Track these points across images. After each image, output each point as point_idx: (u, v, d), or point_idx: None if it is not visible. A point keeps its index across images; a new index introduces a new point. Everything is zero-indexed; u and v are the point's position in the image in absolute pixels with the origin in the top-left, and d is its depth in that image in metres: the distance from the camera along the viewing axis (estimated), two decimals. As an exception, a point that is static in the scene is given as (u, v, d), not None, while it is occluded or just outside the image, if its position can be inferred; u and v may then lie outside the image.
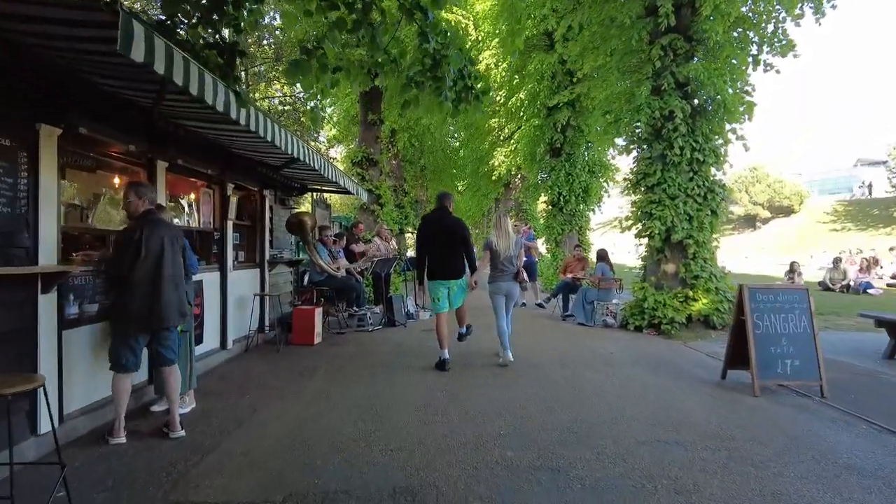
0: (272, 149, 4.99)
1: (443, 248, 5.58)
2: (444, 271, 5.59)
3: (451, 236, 5.57)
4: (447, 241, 5.57)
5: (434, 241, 5.59)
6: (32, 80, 3.24)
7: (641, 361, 5.94)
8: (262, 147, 5.30)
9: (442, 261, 5.58)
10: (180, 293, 3.71)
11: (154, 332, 3.61)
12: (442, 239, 5.57)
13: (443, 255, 5.57)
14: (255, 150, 5.52)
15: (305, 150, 5.12)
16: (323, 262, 7.39)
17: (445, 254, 5.57)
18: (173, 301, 3.61)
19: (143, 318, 3.50)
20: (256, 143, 5.12)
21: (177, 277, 3.69)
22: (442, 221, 5.65)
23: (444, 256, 5.57)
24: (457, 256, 5.60)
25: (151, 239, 3.55)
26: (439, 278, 5.61)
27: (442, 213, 5.74)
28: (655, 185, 8.20)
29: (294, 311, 6.97)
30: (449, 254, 5.58)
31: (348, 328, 8.14)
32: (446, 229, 5.58)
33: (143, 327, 3.54)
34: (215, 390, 4.74)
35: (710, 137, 8.12)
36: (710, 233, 8.15)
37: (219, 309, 5.93)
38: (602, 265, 8.71)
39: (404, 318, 8.32)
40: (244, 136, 4.87)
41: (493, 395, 4.55)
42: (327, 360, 5.95)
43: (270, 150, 5.27)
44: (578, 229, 14.99)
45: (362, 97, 12.30)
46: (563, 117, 14.08)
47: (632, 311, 8.25)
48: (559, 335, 7.70)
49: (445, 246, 5.58)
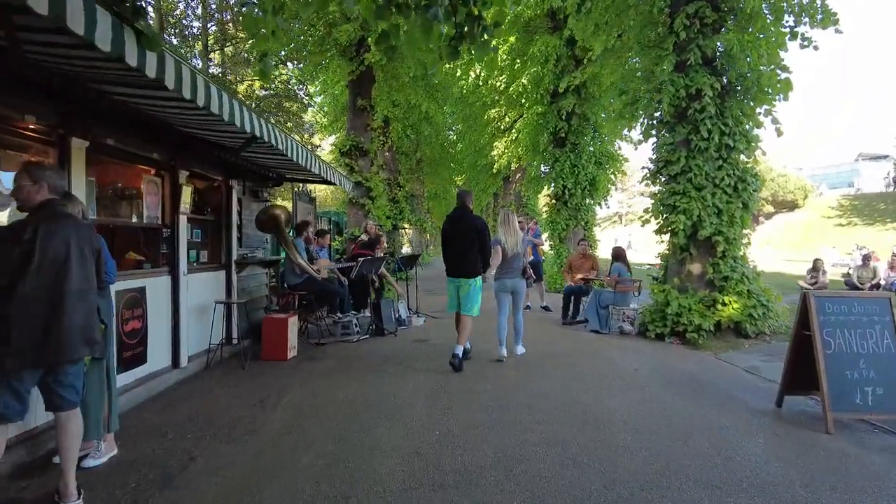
0: (227, 126, 4.02)
1: (458, 246, 5.56)
2: (453, 269, 5.60)
3: (466, 235, 5.53)
4: (462, 239, 5.54)
5: (451, 240, 5.63)
6: None
7: (673, 381, 4.99)
8: (216, 125, 4.32)
9: (453, 259, 5.60)
10: (89, 314, 2.74)
11: (50, 366, 2.64)
12: (458, 237, 5.57)
13: (456, 254, 5.58)
14: (210, 129, 4.54)
15: (267, 128, 4.15)
16: (302, 262, 6.41)
17: (458, 252, 5.56)
18: (77, 325, 2.64)
19: (34, 348, 2.53)
20: (210, 121, 4.16)
21: (85, 293, 2.72)
22: (462, 221, 5.61)
23: (456, 255, 5.57)
24: (469, 256, 5.52)
25: (50, 241, 2.58)
26: (449, 276, 5.64)
27: (463, 211, 5.70)
28: (679, 175, 7.24)
29: (264, 320, 6.00)
30: (461, 252, 5.54)
31: (331, 337, 7.18)
32: (463, 228, 5.56)
33: (33, 361, 2.57)
34: (150, 426, 3.77)
35: (740, 120, 7.15)
36: (740, 228, 7.19)
37: (169, 320, 4.96)
38: (619, 265, 7.75)
39: (394, 325, 7.35)
40: (190, 112, 3.91)
41: (498, 440, 3.59)
42: (299, 381, 4.99)
43: (226, 128, 4.30)
44: (584, 224, 14.04)
45: (351, 81, 11.28)
46: (568, 104, 13.09)
47: (652, 317, 7.30)
48: (571, 345, 6.75)
49: (460, 244, 5.55)
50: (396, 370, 5.32)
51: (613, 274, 7.68)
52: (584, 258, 8.57)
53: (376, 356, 5.99)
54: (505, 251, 5.76)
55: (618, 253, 7.95)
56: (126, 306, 4.25)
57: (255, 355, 5.92)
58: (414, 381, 4.90)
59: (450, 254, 5.63)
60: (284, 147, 4.40)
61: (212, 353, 5.60)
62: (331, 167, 6.74)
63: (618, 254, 7.93)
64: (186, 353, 5.16)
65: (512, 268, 5.81)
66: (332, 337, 7.16)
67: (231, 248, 6.32)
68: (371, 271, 7.19)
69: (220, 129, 4.53)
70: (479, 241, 5.53)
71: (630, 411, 4.07)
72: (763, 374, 5.36)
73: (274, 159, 6.05)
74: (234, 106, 3.59)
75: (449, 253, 5.65)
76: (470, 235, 5.49)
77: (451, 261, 5.61)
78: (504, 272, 5.83)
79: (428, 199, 32.34)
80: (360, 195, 11.10)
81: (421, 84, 13.47)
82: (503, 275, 5.83)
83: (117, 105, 3.80)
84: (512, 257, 5.77)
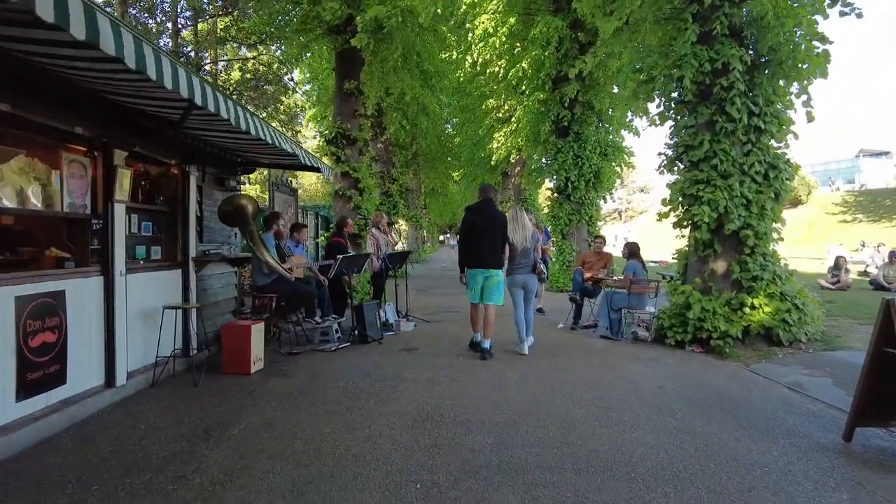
0: (164, 93, 3.20)
1: (486, 238, 5.65)
2: (482, 261, 5.63)
3: (496, 229, 5.70)
4: (491, 232, 5.67)
5: (480, 232, 5.65)
6: None
7: (707, 403, 4.17)
8: (149, 90, 3.47)
9: (482, 251, 5.64)
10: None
11: None
12: (487, 230, 5.66)
13: (484, 246, 5.64)
14: (144, 96, 3.69)
15: (212, 95, 3.30)
16: (270, 259, 5.56)
17: (488, 244, 5.65)
18: None
19: None
20: (143, 86, 3.34)
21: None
22: (490, 213, 5.74)
23: (485, 247, 5.64)
24: (496, 247, 5.70)
25: None
26: (478, 266, 5.65)
27: (488, 204, 5.82)
28: (702, 161, 6.40)
29: (223, 328, 5.15)
30: (490, 244, 5.67)
31: (309, 344, 6.34)
32: (493, 221, 5.70)
33: None
34: (50, 472, 2.92)
35: (771, 99, 6.31)
36: (771, 221, 6.37)
37: (101, 330, 4.11)
38: (633, 263, 6.91)
39: (379, 332, 6.50)
40: (118, 76, 3.09)
41: (500, 500, 2.75)
42: (258, 404, 4.15)
43: (163, 95, 3.46)
44: (588, 219, 13.20)
45: (338, 60, 10.39)
46: (571, 91, 12.21)
47: (670, 322, 6.47)
48: (579, 354, 5.92)
49: (489, 237, 5.66)
50: (376, 390, 4.47)
51: (627, 273, 6.83)
52: (597, 256, 7.71)
53: (355, 371, 5.14)
54: (514, 246, 5.84)
55: (632, 249, 7.11)
56: (32, 316, 3.40)
57: (216, 367, 5.08)
58: (396, 404, 4.05)
59: (478, 245, 5.65)
60: (233, 117, 3.54)
61: (161, 366, 4.75)
62: (301, 147, 5.88)
63: (632, 250, 7.09)
64: (125, 369, 4.31)
65: (522, 263, 5.87)
66: (309, 344, 6.32)
67: (189, 243, 5.47)
68: (352, 270, 6.33)
69: (156, 98, 3.69)
70: (503, 234, 5.74)
71: (662, 450, 3.23)
72: (809, 391, 4.54)
73: (236, 140, 5.21)
74: (165, 63, 2.76)
75: (476, 245, 5.66)
76: (497, 228, 5.69)
77: (480, 252, 5.64)
78: (515, 267, 5.88)
79: (424, 195, 31.47)
80: (347, 186, 10.24)
81: (416, 72, 12.61)
82: (514, 270, 5.89)
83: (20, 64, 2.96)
84: (522, 252, 5.84)
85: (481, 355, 5.55)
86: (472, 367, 5.19)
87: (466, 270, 5.76)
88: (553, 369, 5.17)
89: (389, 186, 17.40)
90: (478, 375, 4.88)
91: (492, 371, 5.04)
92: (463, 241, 5.83)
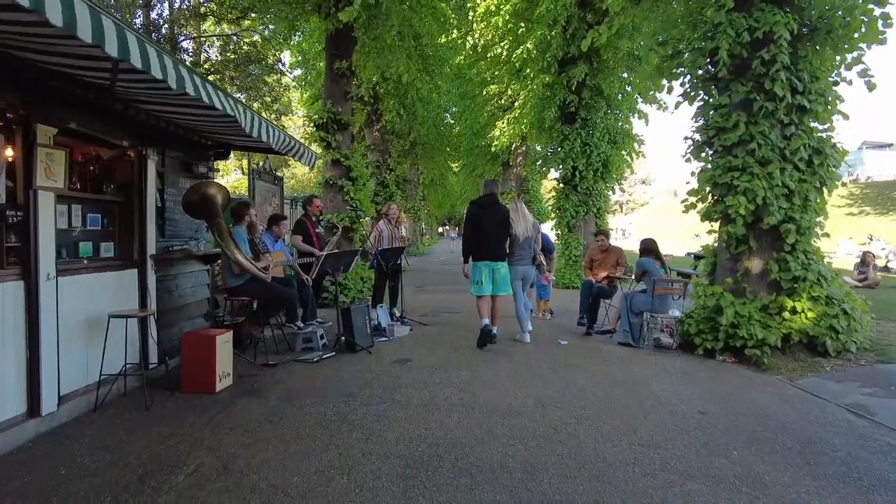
0: (86, 49, 2.45)
1: (493, 232, 5.80)
2: (491, 254, 5.78)
3: (501, 223, 5.88)
4: (497, 226, 5.84)
5: (488, 226, 5.78)
6: None
7: (762, 436, 3.43)
8: (64, 44, 2.69)
9: (490, 244, 5.78)
10: None
11: None
12: (493, 224, 5.81)
13: (492, 239, 5.79)
14: (63, 52, 2.90)
15: (147, 51, 2.52)
16: (241, 257, 4.79)
17: (496, 238, 5.82)
18: None
19: None
20: (58, 40, 2.59)
21: None
22: (496, 208, 5.91)
23: (493, 240, 5.79)
24: (503, 241, 5.89)
25: None
26: (487, 259, 5.78)
27: (493, 199, 5.99)
28: (736, 145, 5.63)
29: (183, 338, 4.38)
30: (498, 238, 5.84)
31: (290, 352, 5.60)
32: (498, 216, 5.88)
33: None
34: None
35: (816, 74, 5.54)
36: (814, 214, 5.61)
37: (20, 346, 3.34)
38: (647, 261, 6.14)
39: (369, 338, 5.74)
40: (30, 30, 2.34)
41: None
42: (219, 433, 3.40)
43: (86, 52, 2.69)
44: (596, 211, 12.44)
45: (328, 39, 9.54)
46: (579, 73, 11.43)
47: (698, 327, 5.73)
48: (600, 367, 5.18)
49: (497, 230, 5.84)
50: (360, 418, 3.72)
51: (637, 270, 6.14)
52: (605, 253, 6.93)
53: (337, 389, 4.38)
54: (516, 237, 5.97)
55: (647, 246, 6.31)
56: None
57: (178, 383, 4.32)
58: (384, 441, 3.29)
59: (487, 239, 5.78)
60: (172, 79, 2.74)
61: (108, 385, 3.99)
62: (283, 131, 5.09)
63: (647, 247, 6.30)
64: (55, 393, 3.55)
65: (523, 254, 6.03)
66: (290, 353, 5.57)
67: (147, 238, 4.69)
68: (338, 269, 5.56)
69: (81, 57, 2.90)
70: (507, 228, 5.93)
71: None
72: (879, 417, 3.82)
73: (200, 118, 4.43)
74: (80, 7, 2.01)
75: (485, 238, 5.79)
76: (503, 222, 5.88)
77: (489, 245, 5.78)
78: (516, 258, 6.01)
79: (423, 186, 30.63)
80: (338, 176, 9.44)
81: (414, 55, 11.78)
82: (516, 261, 6.00)
83: None
84: (524, 242, 6.00)
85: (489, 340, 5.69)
86: (477, 386, 4.45)
87: (473, 263, 5.87)
88: (572, 388, 4.42)
89: (386, 176, 16.59)
90: (484, 398, 4.12)
91: (500, 391, 4.30)
92: (469, 235, 5.93)
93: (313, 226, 6.82)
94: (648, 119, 13.03)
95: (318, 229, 7.12)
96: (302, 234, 6.60)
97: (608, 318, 6.88)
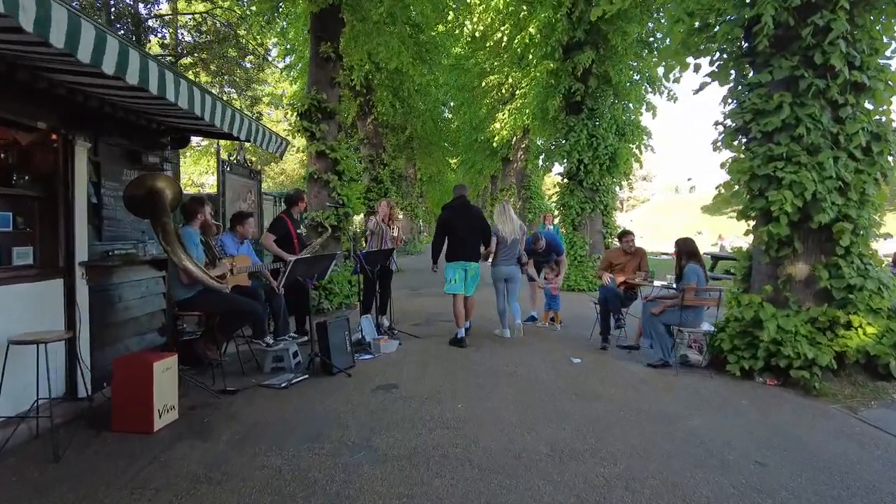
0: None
1: (466, 234, 5.97)
2: (465, 254, 5.96)
3: (474, 224, 6.08)
4: (471, 228, 6.03)
5: (461, 228, 5.95)
6: None
7: (847, 502, 2.62)
8: None
9: (464, 245, 5.96)
10: None
11: None
12: (467, 226, 5.99)
13: (465, 241, 5.97)
14: None
15: None
16: (190, 264, 3.95)
17: (470, 239, 6.00)
18: None
19: None
20: None
21: None
22: (468, 210, 6.12)
23: (467, 242, 5.98)
24: (476, 243, 6.08)
25: None
26: (461, 259, 5.95)
27: (465, 202, 6.18)
28: (779, 131, 4.79)
29: (114, 364, 3.55)
30: (471, 240, 6.02)
31: (258, 373, 4.78)
32: (471, 218, 6.08)
33: None
34: None
35: (876, 46, 4.72)
36: (872, 211, 4.80)
37: None
38: (695, 267, 5.21)
39: (349, 357, 4.91)
40: None
41: None
42: (139, 502, 2.58)
43: None
44: (603, 208, 11.62)
45: (313, 20, 8.69)
46: (585, 59, 10.58)
47: (732, 342, 4.92)
48: (625, 397, 4.35)
49: (471, 232, 6.02)
50: (326, 478, 2.88)
51: (689, 282, 5.09)
52: (629, 255, 6.08)
53: (302, 427, 3.55)
54: (503, 239, 6.10)
55: (689, 248, 5.36)
56: None
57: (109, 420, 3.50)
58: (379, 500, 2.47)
59: (460, 240, 5.95)
60: (86, 51, 1.91)
61: (8, 429, 3.17)
62: (245, 114, 4.25)
63: (690, 249, 5.35)
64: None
65: (509, 255, 6.16)
66: (258, 375, 4.75)
67: (76, 241, 3.87)
68: (310, 277, 4.71)
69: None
70: (484, 230, 6.12)
71: None
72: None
73: (148, 100, 3.60)
74: None
75: (459, 240, 5.95)
76: (477, 224, 6.09)
77: (463, 246, 5.95)
78: (501, 259, 6.17)
79: (421, 183, 29.74)
80: (323, 169, 8.60)
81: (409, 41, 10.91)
82: (500, 262, 6.18)
83: None
84: (511, 244, 6.13)
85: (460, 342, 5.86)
86: (475, 425, 3.62)
87: (447, 264, 6.05)
88: (593, 427, 3.60)
89: (380, 172, 15.73)
90: (484, 442, 3.29)
91: (503, 432, 3.47)
92: (440, 237, 6.08)
93: (294, 225, 6.00)
94: (656, 111, 12.16)
95: (299, 229, 6.28)
96: (278, 234, 5.77)
97: (623, 332, 6.07)
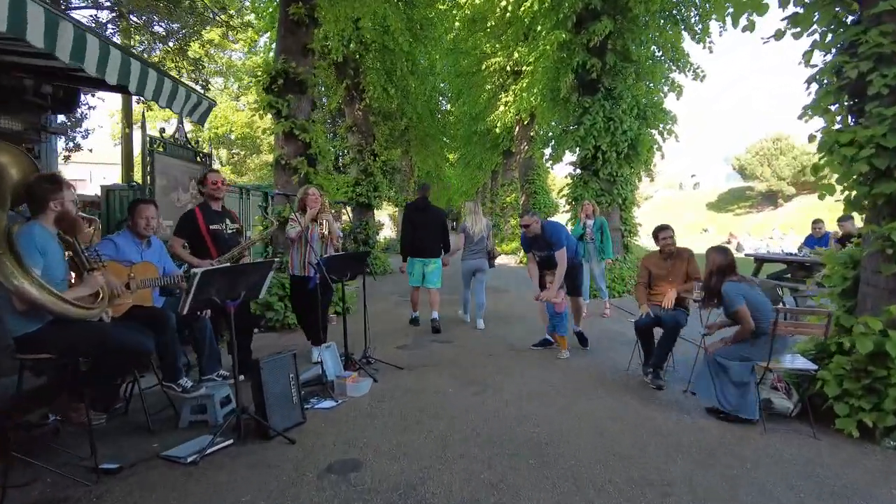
0: None
1: (426, 231, 6.38)
2: (423, 251, 6.37)
3: (433, 223, 6.46)
4: (432, 225, 6.44)
5: (421, 225, 6.38)
6: None
7: None
8: None
9: (422, 242, 6.37)
10: None
11: None
12: (426, 224, 6.39)
13: (423, 238, 6.37)
14: None
15: None
16: (27, 282, 2.47)
17: (426, 237, 6.39)
18: None
19: None
20: None
21: None
22: (428, 210, 6.51)
23: (424, 239, 6.37)
24: (435, 240, 6.45)
25: None
26: (419, 256, 6.39)
27: (426, 201, 6.56)
28: None
29: None
30: (429, 237, 6.40)
31: (174, 430, 3.31)
32: (430, 217, 6.47)
33: None
34: None
35: None
36: None
37: None
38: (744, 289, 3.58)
39: (298, 411, 3.41)
40: None
41: None
42: None
43: None
44: (622, 202, 10.16)
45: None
46: (601, 30, 9.12)
47: (842, 387, 3.46)
48: (686, 470, 2.91)
49: (430, 230, 6.41)
50: None
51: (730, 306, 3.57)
52: (672, 260, 4.60)
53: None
54: (471, 236, 6.55)
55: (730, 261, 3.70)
56: None
57: None
58: None
59: (421, 237, 6.35)
60: None
61: None
62: (150, 63, 2.78)
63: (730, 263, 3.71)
64: None
65: (476, 249, 6.58)
66: (171, 433, 3.27)
67: None
68: (234, 299, 3.18)
69: None
70: (443, 229, 6.53)
71: None
72: None
73: None
74: None
75: (419, 237, 6.35)
76: (437, 222, 6.49)
77: (423, 243, 6.35)
78: (469, 253, 6.60)
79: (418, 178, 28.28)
80: (293, 153, 7.13)
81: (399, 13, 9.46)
82: (468, 256, 6.61)
83: None
84: (478, 241, 6.56)
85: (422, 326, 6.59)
86: None
87: (409, 259, 6.39)
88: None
89: (370, 163, 14.24)
90: None
91: None
92: (405, 232, 6.43)
93: (209, 218, 4.32)
94: (682, 91, 10.69)
95: (221, 224, 4.64)
96: (185, 236, 4.26)
97: (672, 361, 4.61)
